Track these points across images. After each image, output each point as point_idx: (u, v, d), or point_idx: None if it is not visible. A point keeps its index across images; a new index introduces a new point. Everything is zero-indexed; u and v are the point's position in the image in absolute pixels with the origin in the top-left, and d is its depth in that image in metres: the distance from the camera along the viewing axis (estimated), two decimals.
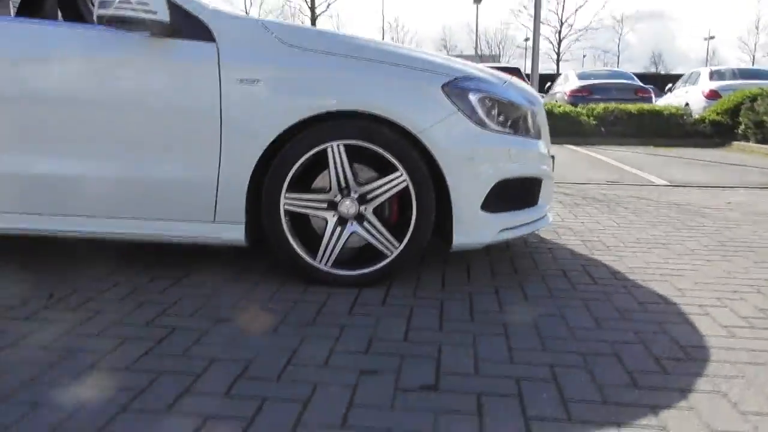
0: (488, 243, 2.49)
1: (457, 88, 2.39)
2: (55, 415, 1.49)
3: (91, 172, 2.44)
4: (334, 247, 2.45)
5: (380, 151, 2.37)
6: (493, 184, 2.43)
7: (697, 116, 11.92)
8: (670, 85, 16.07)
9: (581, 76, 14.82)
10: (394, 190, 2.41)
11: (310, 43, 2.41)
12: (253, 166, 2.38)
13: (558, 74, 27.33)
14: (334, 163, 2.39)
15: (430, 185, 2.39)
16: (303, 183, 2.50)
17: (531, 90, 2.84)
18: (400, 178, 2.39)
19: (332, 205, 2.45)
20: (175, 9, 2.36)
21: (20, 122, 2.42)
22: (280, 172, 2.40)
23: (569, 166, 7.51)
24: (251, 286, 2.50)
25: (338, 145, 2.37)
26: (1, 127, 2.43)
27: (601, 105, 12.07)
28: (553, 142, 10.83)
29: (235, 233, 2.44)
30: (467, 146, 2.38)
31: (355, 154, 2.41)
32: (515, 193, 2.55)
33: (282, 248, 2.46)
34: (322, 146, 2.37)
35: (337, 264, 2.46)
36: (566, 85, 14.75)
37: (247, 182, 2.39)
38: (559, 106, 12.10)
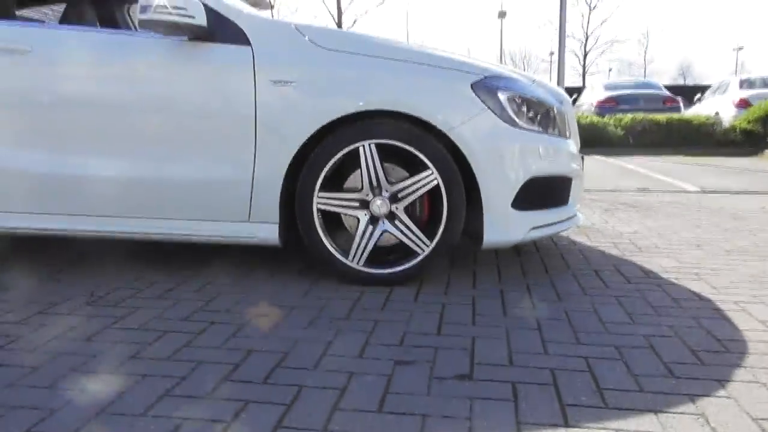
0: (519, 241, 2.50)
1: (486, 86, 2.42)
2: (101, 400, 1.53)
3: (129, 174, 2.50)
4: (366, 245, 2.47)
5: (411, 149, 2.40)
6: (523, 182, 2.45)
7: (727, 125, 11.76)
8: (699, 95, 15.87)
9: (608, 87, 14.72)
10: (425, 189, 2.43)
11: (341, 44, 2.46)
12: (287, 165, 2.42)
13: (584, 86, 27.22)
14: (366, 162, 2.42)
15: (460, 183, 2.41)
16: (335, 182, 2.54)
17: (559, 90, 2.86)
18: (430, 177, 2.41)
19: (364, 204, 2.48)
20: (211, 13, 2.43)
21: (69, 125, 2.50)
22: (313, 172, 2.44)
23: (598, 174, 7.47)
24: (283, 285, 2.54)
25: (370, 145, 2.40)
26: (50, 129, 2.51)
27: (629, 115, 11.99)
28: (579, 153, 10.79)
29: (269, 233, 2.49)
30: (497, 144, 2.40)
31: (386, 154, 2.45)
32: (545, 192, 2.56)
33: (315, 247, 2.50)
34: (354, 146, 2.41)
35: (369, 262, 2.49)
36: (593, 95, 14.66)
37: (281, 182, 2.43)
38: (586, 117, 12.05)
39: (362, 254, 2.48)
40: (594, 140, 11.48)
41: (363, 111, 2.38)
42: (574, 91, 16.72)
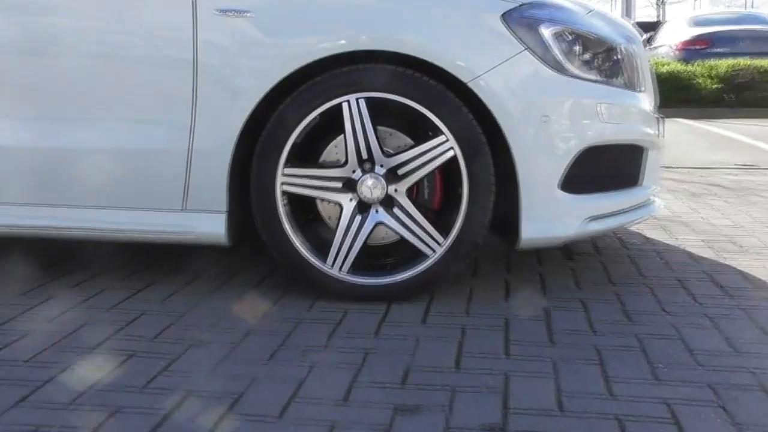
0: (571, 238, 2.50)
1: (523, 17, 2.41)
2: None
3: (8, 143, 2.49)
4: (352, 244, 2.45)
5: (417, 107, 2.38)
6: (576, 154, 2.44)
7: None
8: None
9: (696, 23, 14.66)
10: (437, 162, 2.41)
11: None
12: (239, 130, 2.40)
13: (660, 22, 26.93)
14: (352, 124, 2.40)
15: (487, 154, 2.40)
16: (308, 155, 2.53)
17: (626, 24, 2.86)
18: (444, 145, 2.39)
19: (349, 185, 2.46)
20: None
21: None
22: (276, 139, 2.41)
23: (683, 145, 7.45)
24: (235, 300, 2.54)
25: (357, 100, 2.38)
26: None
27: (726, 61, 11.93)
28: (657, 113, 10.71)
29: (212, 226, 2.47)
30: (539, 99, 2.40)
31: (381, 113, 2.43)
32: (608, 168, 2.57)
33: (279, 247, 2.48)
34: (335, 101, 2.39)
35: (356, 268, 2.47)
36: (675, 34, 14.56)
37: (231, 153, 2.41)
38: (665, 64, 12.00)
39: (347, 257, 2.46)
40: (677, 97, 11.35)
41: (348, 52, 2.37)
42: (649, 28, 16.63)
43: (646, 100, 2.69)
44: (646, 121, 2.66)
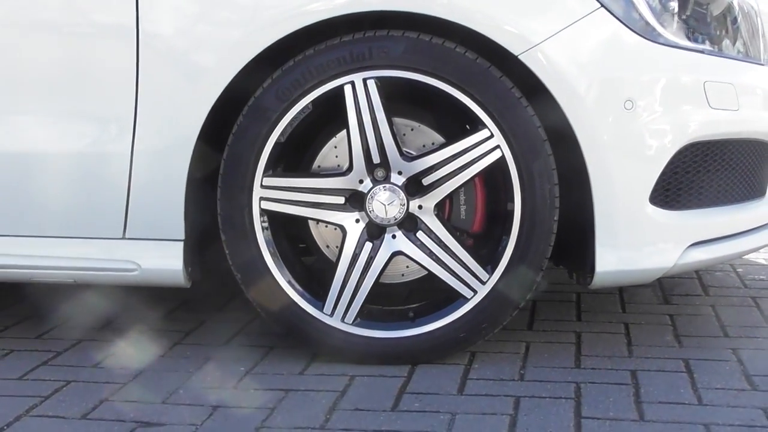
0: (668, 271, 2.25)
1: None
2: None
3: None
4: (359, 284, 2.21)
5: (449, 90, 2.12)
6: (674, 153, 2.19)
7: None
8: None
9: None
10: (478, 167, 2.16)
11: None
12: (201, 124, 2.16)
13: None
14: (359, 116, 2.16)
15: (548, 155, 2.14)
16: (297, 160, 2.34)
17: None
18: (488, 144, 2.14)
19: (355, 200, 2.22)
20: None
21: None
22: (251, 137, 2.18)
23: None
24: (203, 360, 2.33)
25: (365, 81, 2.14)
26: None
27: None
28: None
29: (164, 259, 2.26)
30: (621, 77, 2.18)
31: (399, 101, 2.23)
32: (720, 173, 2.33)
33: (258, 287, 2.25)
34: (333, 84, 2.15)
35: (366, 318, 2.26)
36: None
37: (189, 156, 2.18)
38: None
39: (352, 302, 2.22)
40: None
41: (351, 15, 2.13)
42: None
43: None
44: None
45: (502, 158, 2.14)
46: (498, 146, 2.13)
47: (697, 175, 2.27)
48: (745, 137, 2.33)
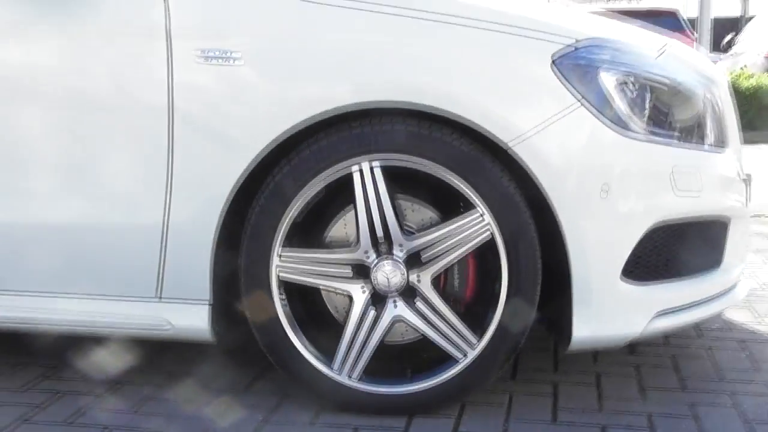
0: (635, 337, 2.05)
1: (579, 62, 1.97)
2: None
3: None
4: (364, 345, 2.02)
5: (446, 175, 1.94)
6: (643, 233, 2.00)
7: None
8: None
9: None
10: (471, 245, 1.97)
11: None
12: (225, 201, 1.98)
13: (745, 18, 23.80)
14: (365, 197, 1.97)
15: (532, 235, 1.96)
16: (310, 230, 2.13)
17: (706, 61, 2.44)
18: (480, 224, 1.95)
19: (361, 271, 2.02)
20: None
21: None
22: (270, 214, 1.99)
23: None
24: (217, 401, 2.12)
25: (371, 166, 1.95)
26: None
27: None
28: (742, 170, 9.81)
29: (192, 319, 2.06)
30: (598, 165, 1.96)
31: (401, 181, 2.04)
32: (682, 249, 2.14)
33: (274, 346, 2.05)
34: (342, 167, 1.97)
35: (370, 374, 2.06)
36: (764, 38, 13.51)
37: (215, 230, 2.00)
38: (749, 77, 10.81)
39: (358, 361, 2.02)
40: (765, 117, 10.19)
41: (360, 108, 1.95)
42: (730, 27, 15.51)
43: (731, 159, 2.27)
44: (732, 186, 2.24)
45: (492, 239, 1.96)
46: (489, 227, 1.95)
47: (663, 252, 2.09)
48: (705, 217, 2.16)
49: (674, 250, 2.11)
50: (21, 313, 2.13)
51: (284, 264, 2.01)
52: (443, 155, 1.94)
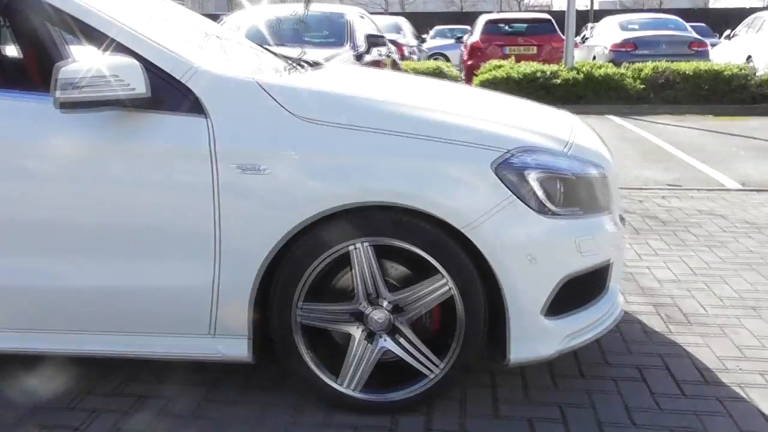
0: (552, 356, 2.36)
1: (512, 167, 2.24)
2: None
3: (59, 283, 2.33)
4: (362, 368, 2.33)
5: (418, 251, 2.24)
6: (557, 284, 2.30)
7: (763, 75, 11.66)
8: (728, 31, 15.71)
9: (624, 27, 14.49)
10: (436, 300, 2.29)
11: (323, 113, 2.25)
12: (258, 269, 2.25)
13: (591, 11, 26.47)
14: (360, 266, 2.26)
15: (479, 291, 2.26)
16: (321, 284, 2.37)
17: (599, 144, 2.66)
18: (443, 285, 2.26)
19: (358, 317, 2.32)
20: (155, 76, 2.20)
21: None
22: (291, 279, 2.28)
23: (617, 156, 7.30)
24: (259, 410, 2.40)
25: (364, 245, 2.24)
26: None
27: (650, 65, 11.80)
28: (592, 112, 10.65)
29: (237, 349, 2.34)
30: (527, 241, 2.24)
31: (385, 249, 2.28)
32: (582, 288, 2.41)
33: (297, 370, 2.37)
34: (342, 246, 2.25)
35: (365, 386, 2.36)
36: (607, 37, 14.42)
37: (251, 289, 2.27)
38: (599, 67, 11.81)
39: (357, 378, 2.35)
40: (609, 96, 11.30)
41: (360, 204, 2.22)
42: (579, 20, 16.17)
43: (615, 214, 2.52)
44: (617, 237, 2.50)
45: (452, 295, 2.26)
46: (449, 287, 2.24)
47: (569, 293, 2.32)
48: (599, 265, 2.41)
49: (575, 289, 2.34)
50: (119, 347, 2.37)
51: (303, 313, 2.30)
52: (416, 238, 2.22)
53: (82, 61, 2.11)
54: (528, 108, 2.89)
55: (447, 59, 19.50)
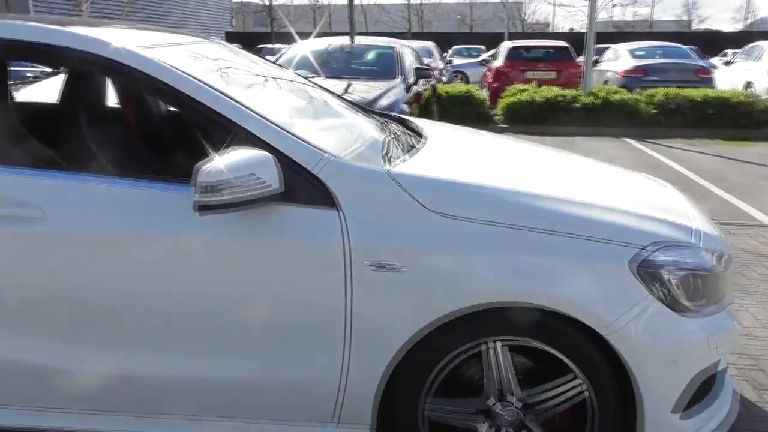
0: None
1: (651, 265, 1.93)
2: None
3: (186, 373, 2.04)
4: None
5: (553, 351, 1.96)
6: (687, 382, 2.00)
7: (766, 100, 11.19)
8: (724, 57, 15.18)
9: (634, 54, 14.02)
10: (569, 401, 2.01)
11: (459, 207, 1.95)
12: (387, 365, 1.98)
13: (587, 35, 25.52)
14: (489, 364, 2.00)
15: (615, 394, 1.98)
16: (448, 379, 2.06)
17: (719, 231, 2.32)
18: (577, 387, 1.99)
19: (486, 413, 2.05)
20: (288, 168, 1.90)
21: (104, 320, 2.00)
22: (419, 375, 2.01)
23: None
24: None
25: (496, 344, 1.97)
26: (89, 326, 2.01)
27: (662, 90, 11.35)
28: (609, 134, 10.30)
29: None
30: (666, 342, 1.94)
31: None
32: (705, 383, 2.09)
33: None
34: (474, 344, 1.98)
35: None
36: (618, 63, 13.93)
37: (377, 384, 2.00)
38: (615, 92, 11.37)
39: None
40: (623, 120, 10.84)
41: (495, 305, 1.91)
42: (580, 41, 15.55)
43: (734, 306, 2.24)
44: (734, 331, 2.17)
45: (585, 397, 1.97)
46: (584, 389, 1.96)
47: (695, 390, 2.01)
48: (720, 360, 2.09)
49: (701, 385, 2.04)
50: None
51: (431, 409, 2.04)
52: (551, 338, 1.94)
53: (220, 159, 1.82)
54: (638, 185, 2.58)
55: (466, 76, 19.62)
